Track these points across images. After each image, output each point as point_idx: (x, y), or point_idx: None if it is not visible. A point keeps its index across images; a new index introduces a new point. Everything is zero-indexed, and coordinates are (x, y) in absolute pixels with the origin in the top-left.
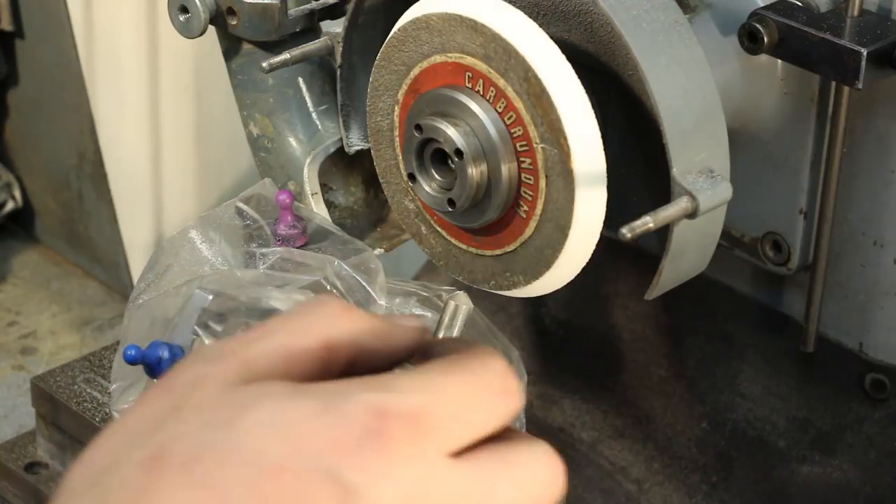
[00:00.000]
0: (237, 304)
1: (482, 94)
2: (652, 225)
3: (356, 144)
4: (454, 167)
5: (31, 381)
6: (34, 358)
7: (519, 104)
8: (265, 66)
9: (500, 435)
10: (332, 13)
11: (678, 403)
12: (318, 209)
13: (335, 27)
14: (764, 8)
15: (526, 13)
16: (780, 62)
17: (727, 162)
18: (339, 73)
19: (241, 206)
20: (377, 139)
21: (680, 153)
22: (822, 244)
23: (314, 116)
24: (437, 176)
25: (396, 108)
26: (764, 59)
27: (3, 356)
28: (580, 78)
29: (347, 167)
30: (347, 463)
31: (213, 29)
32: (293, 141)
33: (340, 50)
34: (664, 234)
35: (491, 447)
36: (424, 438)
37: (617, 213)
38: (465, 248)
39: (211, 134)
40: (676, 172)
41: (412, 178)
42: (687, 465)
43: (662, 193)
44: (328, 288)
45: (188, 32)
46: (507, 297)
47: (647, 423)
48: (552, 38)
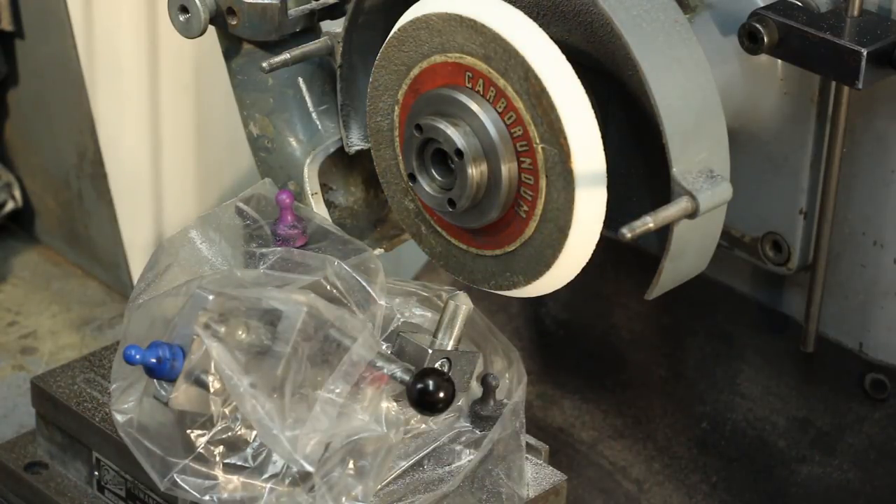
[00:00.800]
0: (237, 304)
1: (482, 94)
2: (652, 225)
3: (356, 144)
4: (454, 167)
5: (31, 381)
6: (34, 358)
7: (519, 104)
8: (265, 66)
9: None
10: (332, 13)
11: (678, 403)
12: (318, 209)
13: (335, 27)
14: (764, 8)
15: (526, 13)
16: (780, 62)
17: (727, 162)
18: (339, 73)
19: (241, 206)
20: (377, 139)
21: (680, 153)
22: (822, 244)
23: (314, 116)
24: (437, 176)
25: (396, 108)
26: (764, 59)
27: (3, 356)
28: (580, 78)
29: (347, 167)
30: None
31: (213, 29)
32: (293, 141)
33: (340, 50)
34: (664, 234)
35: None
36: None
37: (617, 213)
38: (465, 248)
39: (211, 134)
40: (676, 172)
41: (412, 178)
42: (687, 465)
43: (662, 193)
44: (328, 288)
45: (188, 32)
46: (507, 297)
47: (647, 423)
48: (552, 38)
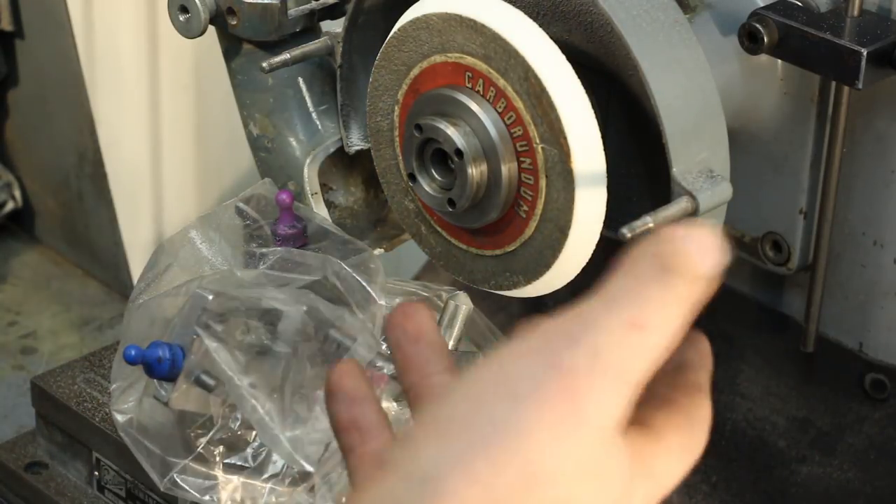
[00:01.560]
0: (237, 304)
1: (482, 94)
2: (652, 225)
3: (356, 144)
4: (454, 167)
5: (31, 381)
6: (34, 358)
7: (519, 104)
8: (265, 66)
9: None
10: (332, 13)
11: None
12: (318, 209)
13: (335, 27)
14: (764, 8)
15: (526, 13)
16: (780, 62)
17: (727, 162)
18: (339, 73)
19: (241, 206)
20: (377, 139)
21: (680, 153)
22: (822, 244)
23: (314, 116)
24: (437, 176)
25: (396, 108)
26: (764, 59)
27: (3, 356)
28: (580, 78)
29: (347, 167)
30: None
31: (213, 29)
32: (293, 141)
33: (340, 50)
34: None
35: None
36: None
37: (617, 213)
38: (465, 248)
39: (211, 134)
40: (676, 172)
41: (412, 178)
42: None
43: (662, 193)
44: (328, 288)
45: (188, 32)
46: (507, 297)
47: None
48: (552, 38)
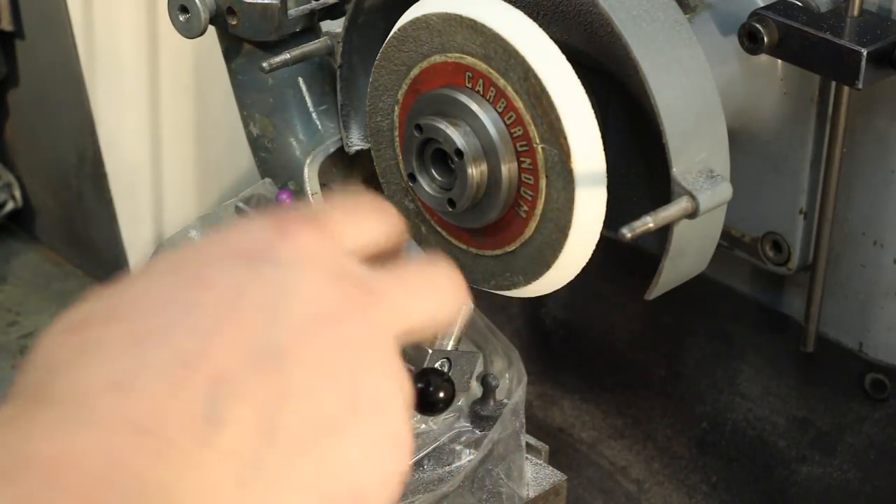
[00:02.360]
0: None
1: (482, 94)
2: (652, 225)
3: (356, 144)
4: (454, 167)
5: None
6: None
7: (519, 104)
8: (265, 66)
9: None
10: (332, 13)
11: (678, 403)
12: None
13: (335, 27)
14: (764, 8)
15: (526, 13)
16: (780, 62)
17: (727, 162)
18: (339, 73)
19: (241, 206)
20: (377, 139)
21: (680, 153)
22: (822, 244)
23: (314, 116)
24: (437, 176)
25: (396, 108)
26: (764, 59)
27: (3, 356)
28: (580, 78)
29: (347, 167)
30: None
31: (213, 29)
32: (293, 141)
33: (340, 50)
34: (664, 234)
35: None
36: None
37: (617, 213)
38: (465, 248)
39: (211, 134)
40: (676, 172)
41: (412, 178)
42: (687, 465)
43: (662, 193)
44: None
45: (188, 32)
46: (507, 297)
47: (647, 423)
48: (552, 38)
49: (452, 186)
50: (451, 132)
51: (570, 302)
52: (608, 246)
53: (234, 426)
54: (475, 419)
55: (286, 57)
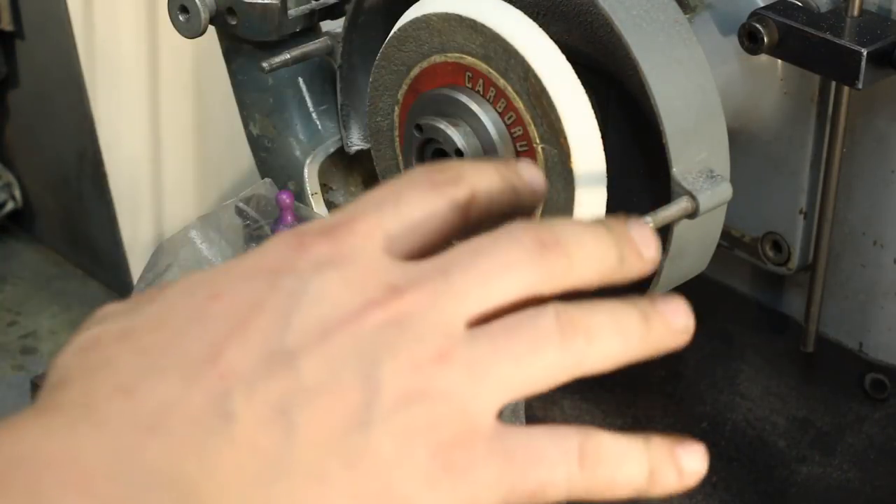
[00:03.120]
0: None
1: (482, 94)
2: (652, 225)
3: (356, 144)
4: None
5: (31, 381)
6: (34, 358)
7: (519, 104)
8: (265, 66)
9: None
10: (332, 13)
11: (678, 403)
12: (318, 209)
13: (335, 27)
14: (764, 8)
15: (526, 13)
16: (780, 62)
17: (727, 162)
18: (339, 73)
19: (241, 206)
20: (377, 139)
21: (680, 153)
22: (822, 244)
23: (314, 116)
24: None
25: (396, 108)
26: (764, 59)
27: (3, 356)
28: (580, 78)
29: (347, 167)
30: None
31: (213, 29)
32: (293, 141)
33: (340, 50)
34: (664, 234)
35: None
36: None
37: (617, 213)
38: None
39: (211, 134)
40: (676, 172)
41: None
42: None
43: (662, 193)
44: None
45: (188, 32)
46: None
47: (646, 423)
48: (552, 38)
49: None
50: (451, 132)
51: (570, 302)
52: None
53: (248, 420)
54: None
55: (286, 57)
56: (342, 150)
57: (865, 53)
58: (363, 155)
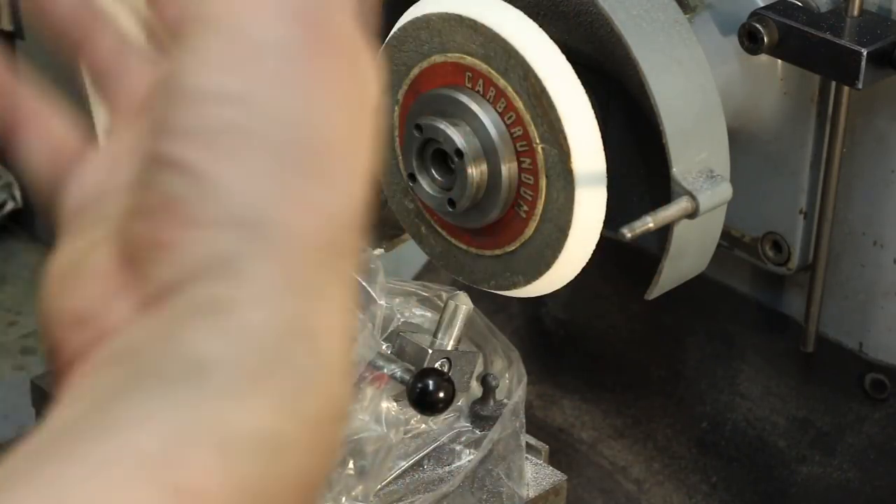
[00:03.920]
0: None
1: (482, 94)
2: (652, 225)
3: None
4: (454, 167)
5: (31, 381)
6: (34, 358)
7: (519, 104)
8: None
9: None
10: None
11: (678, 403)
12: None
13: None
14: (764, 8)
15: (526, 13)
16: (780, 62)
17: (727, 162)
18: None
19: None
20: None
21: (680, 153)
22: (822, 244)
23: None
24: (437, 176)
25: (396, 108)
26: (764, 59)
27: (3, 356)
28: (580, 78)
29: None
30: None
31: None
32: None
33: None
34: (664, 234)
35: None
36: None
37: (617, 213)
38: (465, 248)
39: None
40: (676, 172)
41: (412, 178)
42: (687, 465)
43: (662, 193)
44: None
45: None
46: (507, 297)
47: (647, 423)
48: (552, 38)
49: (452, 186)
50: (451, 132)
51: (570, 302)
52: (608, 246)
53: None
54: (475, 419)
55: None
56: None
57: (865, 53)
58: None
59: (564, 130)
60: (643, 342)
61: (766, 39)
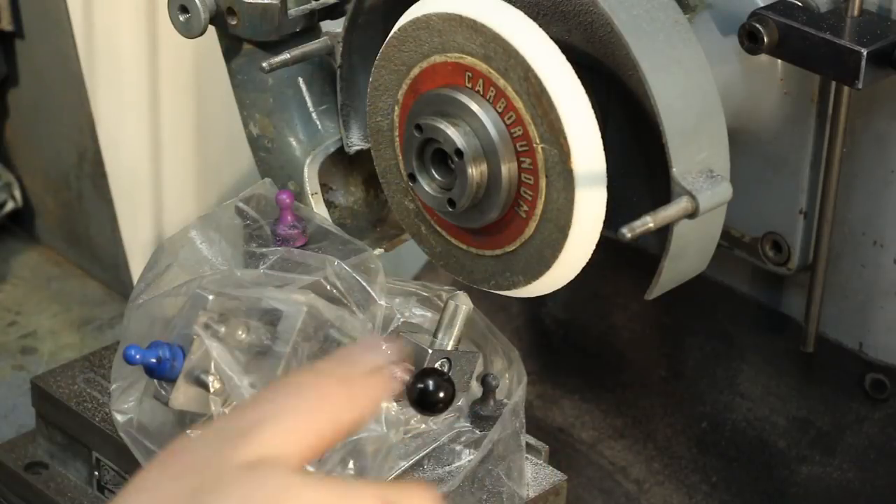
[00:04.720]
0: (237, 304)
1: (482, 94)
2: (652, 225)
3: (356, 144)
4: (454, 167)
5: (31, 381)
6: (34, 358)
7: (519, 104)
8: (265, 66)
9: None
10: (332, 13)
11: (678, 403)
12: (318, 209)
13: (335, 27)
14: (764, 8)
15: (526, 13)
16: (780, 62)
17: (727, 162)
18: (339, 73)
19: (241, 206)
20: (377, 139)
21: (680, 153)
22: (822, 244)
23: (314, 116)
24: (437, 176)
25: (396, 108)
26: (764, 59)
27: (3, 356)
28: (580, 78)
29: (347, 167)
30: None
31: (213, 29)
32: (293, 141)
33: (340, 50)
34: (664, 234)
35: None
36: None
37: (617, 213)
38: (465, 248)
39: (211, 134)
40: (676, 172)
41: (412, 178)
42: (687, 465)
43: (662, 193)
44: (328, 288)
45: (188, 32)
46: (507, 297)
47: (647, 423)
48: (552, 38)
49: (452, 186)
50: (451, 132)
51: (570, 302)
52: (608, 246)
53: None
54: (475, 419)
55: (286, 57)
56: (342, 150)
57: (865, 53)
58: (363, 155)
59: (564, 130)
60: (643, 342)
61: (766, 39)
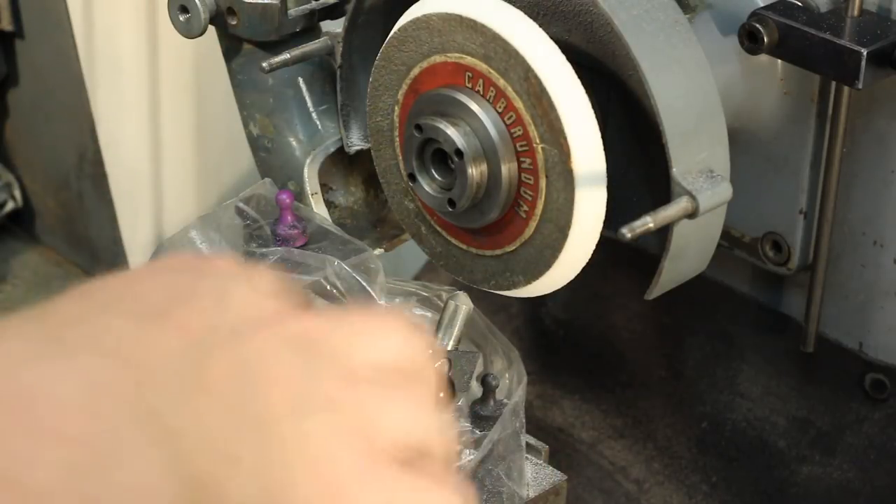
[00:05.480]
0: None
1: (482, 94)
2: (652, 225)
3: (356, 144)
4: (454, 167)
5: None
6: None
7: (519, 104)
8: (265, 66)
9: None
10: (332, 13)
11: (678, 403)
12: (318, 209)
13: (335, 27)
14: (764, 8)
15: (526, 13)
16: (780, 62)
17: (727, 162)
18: (339, 73)
19: (241, 206)
20: (377, 139)
21: (680, 153)
22: (822, 244)
23: (314, 116)
24: (437, 176)
25: (396, 108)
26: (764, 59)
27: None
28: (580, 78)
29: (347, 167)
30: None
31: (213, 29)
32: (293, 141)
33: (340, 50)
34: (664, 234)
35: None
36: None
37: (617, 213)
38: (465, 248)
39: (211, 134)
40: (676, 172)
41: (412, 178)
42: (687, 465)
43: (662, 193)
44: (328, 288)
45: (188, 32)
46: (507, 297)
47: (647, 423)
48: (552, 38)
49: (452, 186)
50: (451, 132)
51: (570, 302)
52: (608, 246)
53: (217, 374)
54: (475, 419)
55: (286, 57)
56: (342, 150)
57: (865, 53)
58: (363, 155)
59: (564, 130)
60: (643, 342)
61: (766, 39)
